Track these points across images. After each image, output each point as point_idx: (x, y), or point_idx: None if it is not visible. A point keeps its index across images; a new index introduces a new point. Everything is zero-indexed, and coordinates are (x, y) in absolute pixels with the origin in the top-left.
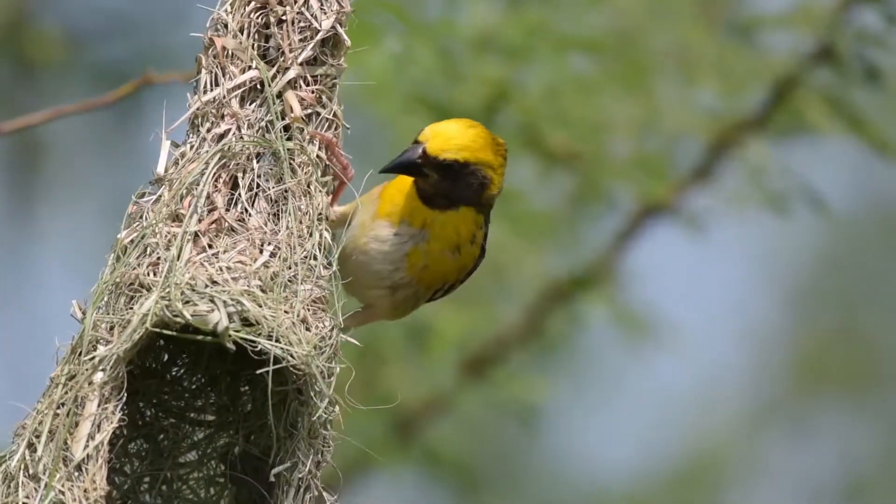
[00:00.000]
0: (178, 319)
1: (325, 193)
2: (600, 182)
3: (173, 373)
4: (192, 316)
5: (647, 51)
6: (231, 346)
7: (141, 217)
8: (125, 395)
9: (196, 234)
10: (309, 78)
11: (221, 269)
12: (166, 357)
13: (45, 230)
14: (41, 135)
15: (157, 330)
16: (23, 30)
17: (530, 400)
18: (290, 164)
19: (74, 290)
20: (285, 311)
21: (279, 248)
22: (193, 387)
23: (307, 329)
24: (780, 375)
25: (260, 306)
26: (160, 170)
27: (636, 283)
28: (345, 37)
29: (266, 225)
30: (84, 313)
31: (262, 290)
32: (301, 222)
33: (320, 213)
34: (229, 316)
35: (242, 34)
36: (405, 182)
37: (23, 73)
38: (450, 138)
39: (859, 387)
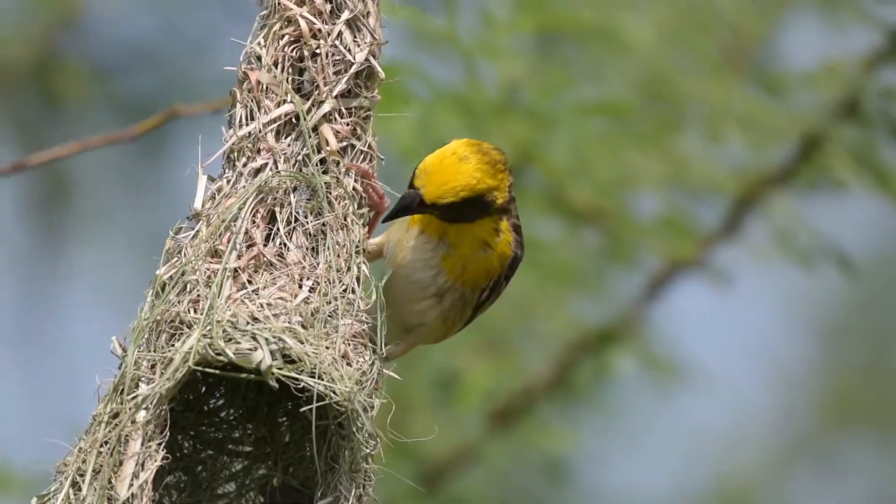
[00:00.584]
0: (221, 358)
1: (362, 226)
2: (626, 240)
3: (211, 405)
4: (235, 354)
5: (673, 103)
6: (274, 384)
7: (179, 252)
8: (168, 433)
9: (236, 271)
10: (344, 110)
11: (262, 306)
12: (204, 389)
13: (73, 264)
14: (69, 169)
15: (200, 368)
16: (50, 64)
17: (557, 452)
18: (328, 197)
19: (104, 324)
20: (326, 348)
21: (318, 283)
22: (231, 419)
23: (348, 364)
24: (808, 413)
25: (301, 343)
26: (197, 205)
27: (666, 323)
28: (378, 69)
29: (304, 259)
30: (124, 350)
31: (303, 327)
32: (339, 256)
33: (357, 247)
34: (272, 354)
35: (276, 68)
36: None
37: (50, 107)
38: (444, 182)
39: (888, 424)
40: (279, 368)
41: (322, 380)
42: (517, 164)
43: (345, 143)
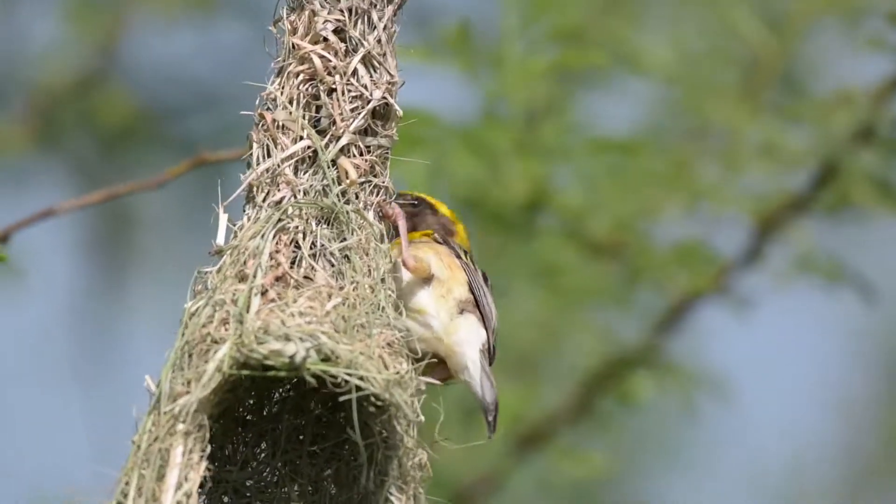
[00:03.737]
0: (255, 356)
1: (385, 258)
2: (645, 271)
3: (252, 465)
4: (269, 352)
5: (694, 127)
6: (311, 378)
7: (205, 288)
8: (209, 445)
9: (264, 289)
10: (362, 147)
11: (293, 315)
12: (242, 448)
13: (134, 300)
14: (129, 205)
15: (234, 372)
16: (100, 100)
17: (584, 476)
18: (350, 225)
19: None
20: (361, 352)
21: (347, 298)
22: (274, 478)
23: (385, 367)
24: (871, 448)
25: (336, 342)
26: (220, 241)
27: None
28: (396, 107)
29: (332, 280)
30: (157, 385)
31: (336, 331)
32: (365, 277)
33: (383, 276)
34: (306, 350)
35: (292, 105)
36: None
37: (108, 148)
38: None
39: None
40: (314, 363)
41: (358, 372)
42: (533, 201)
43: (363, 180)
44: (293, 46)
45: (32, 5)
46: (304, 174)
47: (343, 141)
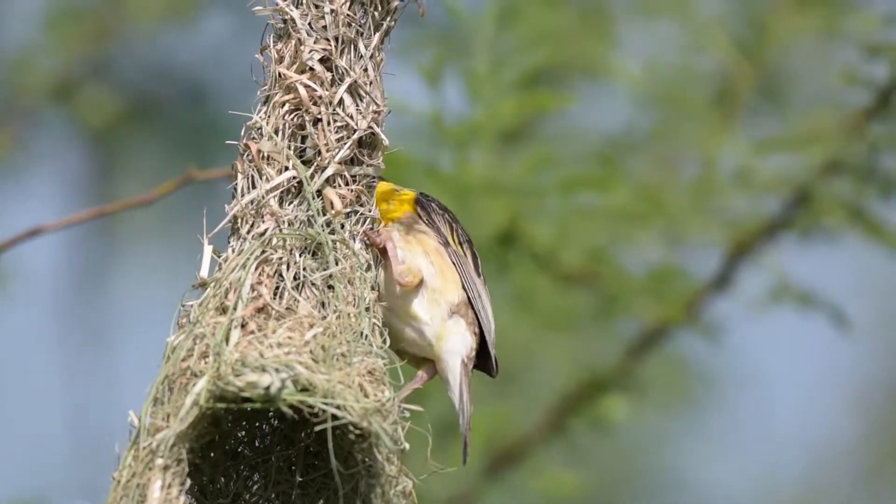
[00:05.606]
0: (231, 389)
1: (371, 288)
2: (619, 298)
3: (245, 498)
4: (245, 384)
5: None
6: (287, 409)
7: (188, 321)
8: (188, 480)
9: (244, 321)
10: (348, 177)
11: (272, 346)
12: (234, 481)
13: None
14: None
15: (211, 405)
16: (85, 99)
17: (556, 494)
18: (334, 254)
19: (153, 369)
20: (339, 381)
21: (329, 327)
22: None
23: (365, 396)
24: (884, 441)
25: (313, 372)
26: (203, 274)
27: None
28: (382, 136)
29: (314, 310)
30: (139, 419)
31: (314, 360)
32: (349, 306)
33: (368, 305)
34: (282, 381)
35: (277, 135)
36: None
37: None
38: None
39: None
40: (290, 394)
41: (335, 401)
42: (505, 237)
43: (349, 210)
44: (279, 75)
45: (15, 4)
46: (289, 205)
47: (329, 171)
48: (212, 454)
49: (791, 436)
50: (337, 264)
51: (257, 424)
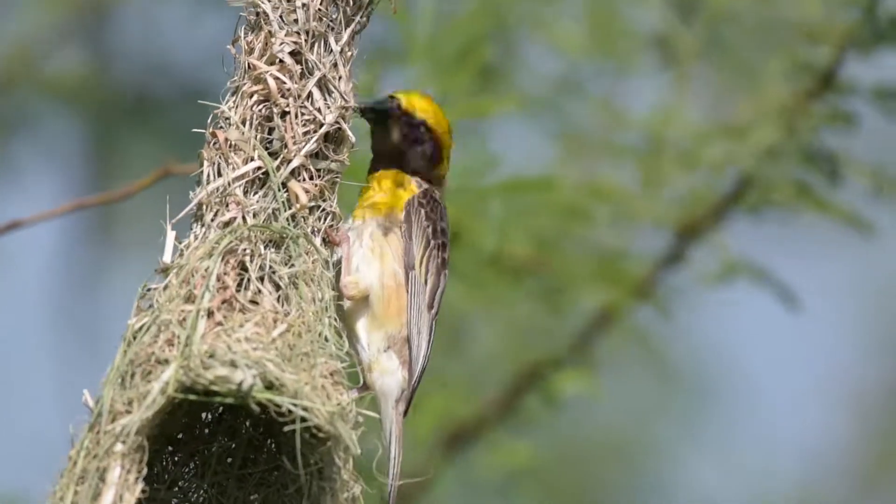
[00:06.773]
0: (201, 381)
1: (331, 288)
2: (568, 287)
3: (180, 485)
4: (215, 377)
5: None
6: (255, 407)
7: (150, 306)
8: (146, 468)
9: (210, 311)
10: (313, 171)
11: (239, 340)
12: (171, 468)
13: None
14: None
15: (179, 395)
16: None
17: (514, 466)
18: (298, 250)
19: None
20: (306, 382)
21: (292, 326)
22: (201, 500)
23: (328, 398)
24: (881, 440)
25: (282, 371)
26: (166, 259)
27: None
28: (349, 133)
29: (277, 305)
30: (96, 402)
31: (282, 359)
32: (311, 305)
33: (327, 305)
34: (253, 377)
35: (245, 125)
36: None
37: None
38: (423, 103)
39: None
40: (260, 392)
41: (303, 403)
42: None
43: (312, 204)
44: (249, 66)
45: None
46: (255, 195)
47: (294, 164)
48: (150, 439)
49: (786, 439)
50: (301, 260)
51: (199, 412)
